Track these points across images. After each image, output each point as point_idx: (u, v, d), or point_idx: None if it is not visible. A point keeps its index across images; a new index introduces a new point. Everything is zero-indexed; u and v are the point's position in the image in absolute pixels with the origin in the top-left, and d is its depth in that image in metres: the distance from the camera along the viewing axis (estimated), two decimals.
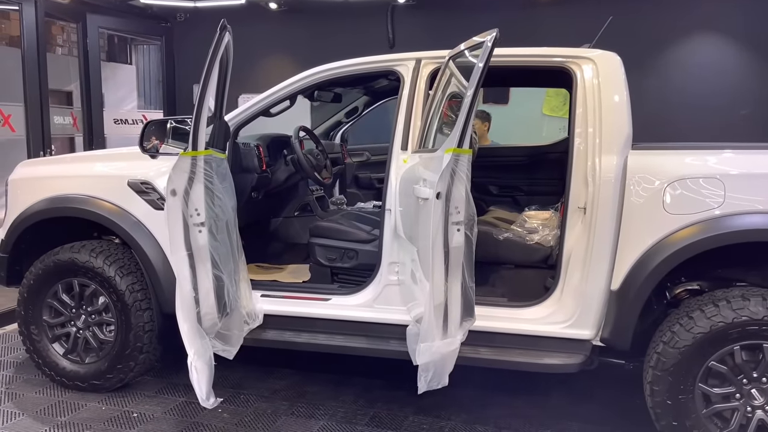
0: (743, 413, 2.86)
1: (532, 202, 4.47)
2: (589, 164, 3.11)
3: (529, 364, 3.18)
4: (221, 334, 3.17)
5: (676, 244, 2.91)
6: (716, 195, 2.89)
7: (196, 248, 2.97)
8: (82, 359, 3.81)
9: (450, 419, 3.53)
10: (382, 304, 3.42)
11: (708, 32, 7.22)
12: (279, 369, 4.18)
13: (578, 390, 3.90)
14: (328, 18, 8.30)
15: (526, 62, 3.59)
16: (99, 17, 8.19)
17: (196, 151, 2.96)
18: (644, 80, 7.00)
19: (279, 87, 3.69)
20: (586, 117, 3.18)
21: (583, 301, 3.12)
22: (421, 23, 7.95)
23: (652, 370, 2.96)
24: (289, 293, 3.64)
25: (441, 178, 2.64)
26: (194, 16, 8.87)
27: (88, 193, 3.76)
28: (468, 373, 3.82)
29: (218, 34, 2.90)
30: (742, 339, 2.81)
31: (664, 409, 2.92)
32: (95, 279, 3.70)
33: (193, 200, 2.95)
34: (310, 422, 3.49)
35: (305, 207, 4.68)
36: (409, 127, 3.40)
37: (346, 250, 3.72)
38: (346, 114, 5.26)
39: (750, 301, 2.82)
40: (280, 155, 4.26)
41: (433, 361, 2.80)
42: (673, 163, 3.01)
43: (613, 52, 3.32)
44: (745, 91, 7.00)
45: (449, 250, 2.71)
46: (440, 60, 3.39)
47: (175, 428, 3.42)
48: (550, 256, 3.47)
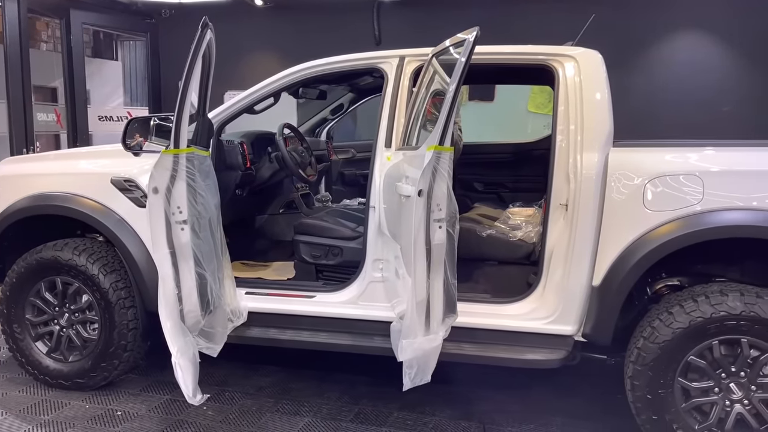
0: (722, 407, 2.90)
1: (517, 198, 4.50)
2: (571, 161, 3.14)
3: (512, 359, 3.21)
4: (205, 331, 3.17)
5: (656, 241, 2.95)
6: (695, 192, 2.92)
7: (178, 246, 2.97)
8: (65, 358, 3.80)
9: (434, 415, 3.55)
10: (366, 301, 3.44)
11: (690, 30, 7.28)
12: (264, 366, 4.19)
13: (561, 385, 3.94)
14: (314, 15, 8.28)
15: (509, 60, 3.61)
16: (83, 13, 8.11)
17: (178, 148, 2.96)
18: (628, 78, 7.05)
19: (263, 84, 3.69)
20: (568, 114, 3.21)
21: (565, 297, 3.15)
22: (407, 20, 7.95)
23: (632, 365, 2.99)
24: (274, 290, 3.65)
25: (422, 176, 2.66)
26: (179, 13, 8.81)
27: (71, 190, 3.74)
28: (452, 369, 3.85)
29: (199, 32, 2.90)
30: (721, 334, 2.85)
31: (645, 403, 2.96)
32: (78, 277, 3.68)
33: (176, 198, 2.95)
34: (294, 419, 3.50)
35: (290, 204, 4.68)
36: (393, 124, 3.41)
37: (330, 247, 3.73)
38: (331, 111, 5.26)
39: (728, 297, 2.85)
40: (265, 152, 4.25)
41: (416, 358, 2.82)
42: (653, 160, 3.04)
43: (595, 50, 3.35)
44: (727, 88, 7.07)
45: (431, 247, 2.73)
46: (424, 57, 3.40)
47: (160, 426, 3.41)
48: (532, 253, 3.49)
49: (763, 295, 2.84)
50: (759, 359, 2.84)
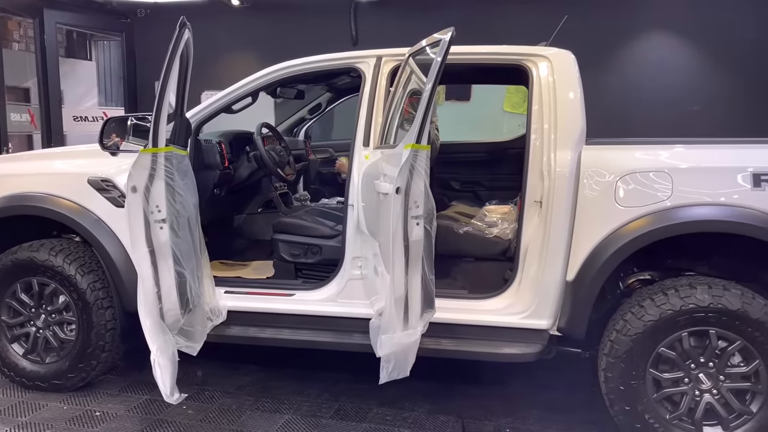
0: (692, 397, 2.99)
1: (493, 197, 4.56)
2: (545, 159, 3.20)
3: (489, 354, 3.28)
4: (184, 330, 3.18)
5: (627, 236, 3.03)
6: (665, 188, 3.01)
7: (157, 245, 2.97)
8: (42, 359, 3.77)
9: (413, 410, 3.59)
10: (345, 298, 3.47)
11: (661, 31, 7.45)
12: (243, 365, 4.20)
13: (538, 379, 4.01)
14: (292, 14, 8.29)
15: (485, 60, 3.67)
16: (57, 12, 8.02)
17: (157, 147, 2.96)
18: (601, 77, 7.18)
19: (240, 84, 3.70)
20: (542, 113, 3.27)
21: (540, 292, 3.21)
22: (384, 21, 8.00)
23: (606, 358, 3.07)
24: (253, 289, 3.66)
25: (400, 174, 2.70)
26: (155, 12, 8.76)
27: (47, 191, 3.72)
28: (431, 365, 3.90)
29: (177, 32, 2.91)
30: (690, 326, 2.94)
31: (618, 394, 3.04)
32: (55, 278, 3.66)
33: (154, 197, 2.95)
34: (275, 416, 3.52)
35: (269, 203, 4.69)
36: (371, 123, 3.45)
37: (309, 245, 3.75)
38: (309, 111, 5.28)
39: (696, 290, 2.94)
40: (243, 152, 4.27)
41: (394, 352, 2.86)
42: (624, 158, 3.12)
43: (568, 51, 3.42)
44: (695, 87, 7.25)
45: (409, 243, 2.78)
46: (400, 57, 3.44)
47: (139, 426, 3.41)
48: (508, 249, 3.56)
49: (729, 287, 2.94)
50: (726, 350, 2.93)
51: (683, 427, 3.00)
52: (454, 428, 3.40)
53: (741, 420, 2.95)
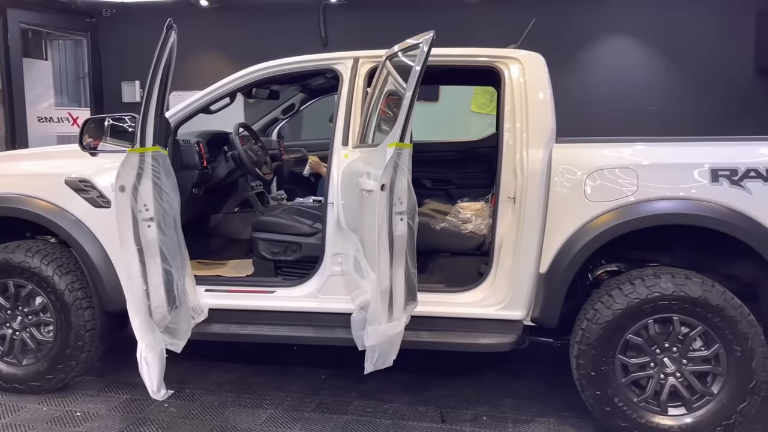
0: (657, 380, 3.17)
1: (464, 194, 4.68)
2: (518, 157, 3.35)
3: (466, 344, 3.40)
4: (169, 327, 3.21)
5: (596, 229, 3.19)
6: (631, 183, 3.18)
7: (145, 243, 3.01)
8: (19, 361, 3.75)
9: (393, 402, 3.70)
10: (326, 294, 3.54)
11: (619, 34, 7.75)
12: (223, 363, 4.24)
13: (513, 369, 4.17)
14: (261, 15, 8.30)
15: (457, 62, 3.80)
16: (20, 12, 7.87)
17: (144, 147, 3.00)
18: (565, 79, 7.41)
19: (219, 84, 3.74)
20: (514, 113, 3.41)
21: (515, 285, 3.35)
22: (354, 22, 8.10)
23: (577, 345, 3.22)
24: (234, 287, 3.71)
25: (385, 171, 2.80)
26: (121, 12, 8.65)
27: (22, 192, 3.70)
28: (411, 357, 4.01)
29: (164, 33, 2.95)
30: (655, 313, 3.11)
31: (589, 380, 3.19)
32: (32, 279, 3.64)
33: (142, 196, 2.99)
34: (257, 412, 3.58)
35: (245, 203, 4.73)
36: (349, 123, 3.54)
37: (289, 243, 3.82)
38: (282, 111, 5.34)
39: (661, 279, 3.12)
40: (220, 152, 4.31)
41: (379, 343, 2.96)
42: (592, 155, 3.28)
43: (538, 53, 3.58)
44: (653, 88, 7.56)
45: (394, 238, 2.88)
46: (377, 59, 3.54)
47: (122, 424, 3.43)
48: (483, 244, 3.69)
49: (691, 276, 3.13)
50: (689, 335, 3.12)
51: (650, 409, 3.18)
52: (433, 417, 3.52)
53: (703, 401, 3.14)
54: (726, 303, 3.06)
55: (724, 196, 3.10)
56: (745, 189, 3.08)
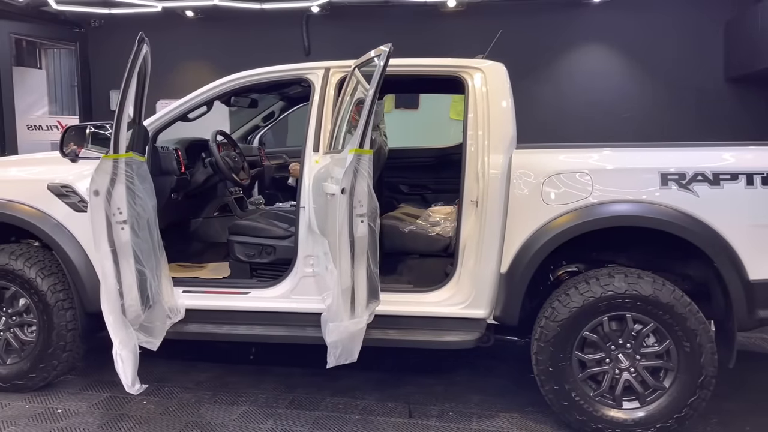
0: (612, 375, 3.31)
1: (439, 199, 4.85)
2: (480, 163, 3.50)
3: (432, 341, 3.53)
4: (145, 326, 3.35)
5: (552, 231, 3.34)
6: (585, 187, 3.34)
7: (119, 244, 3.15)
8: (3, 361, 3.87)
9: (363, 398, 3.83)
10: (298, 294, 3.67)
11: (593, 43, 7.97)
12: (201, 363, 4.36)
13: (481, 368, 4.31)
14: (245, 26, 8.48)
15: (425, 71, 3.97)
16: (9, 23, 8.03)
17: (118, 153, 3.14)
18: (540, 86, 7.62)
19: (196, 93, 3.89)
20: (476, 121, 3.57)
21: (477, 284, 3.49)
22: (336, 32, 8.28)
23: (536, 342, 3.36)
24: (210, 288, 3.84)
25: (345, 175, 2.95)
26: (109, 23, 8.83)
27: (6, 197, 3.84)
28: (381, 356, 4.15)
29: (136, 46, 3.10)
30: (609, 311, 3.26)
31: (547, 375, 3.34)
32: (15, 281, 3.77)
33: (115, 200, 3.13)
34: (232, 408, 3.71)
35: (224, 207, 4.86)
36: (320, 130, 3.68)
37: (264, 246, 3.96)
38: (263, 119, 5.48)
39: (614, 278, 3.27)
40: (199, 158, 4.44)
41: (341, 339, 3.10)
42: (549, 160, 3.43)
43: (501, 63, 3.74)
44: (626, 96, 7.76)
45: (354, 239, 3.02)
46: (347, 69, 3.69)
47: (101, 420, 3.56)
48: (449, 246, 3.83)
49: (643, 276, 3.28)
50: (641, 332, 3.26)
51: (605, 403, 3.32)
52: (401, 413, 3.65)
53: (656, 395, 3.28)
54: (676, 301, 3.21)
55: (672, 199, 3.25)
56: (692, 192, 3.24)
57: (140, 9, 8.21)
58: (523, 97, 3.67)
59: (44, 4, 8.01)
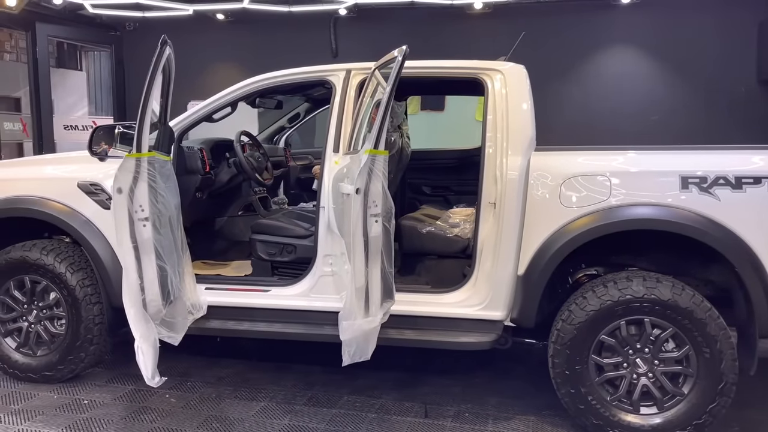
0: (630, 380, 3.28)
1: (461, 200, 4.85)
2: (498, 164, 3.50)
3: (448, 342, 3.55)
4: (166, 321, 3.44)
5: (569, 233, 3.32)
6: (603, 190, 3.31)
7: (140, 241, 3.24)
8: (34, 352, 4.01)
9: (381, 398, 3.86)
10: (317, 293, 3.72)
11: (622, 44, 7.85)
12: (224, 359, 4.45)
13: (500, 370, 4.31)
14: (274, 28, 8.60)
15: (445, 73, 3.99)
16: (48, 26, 8.29)
17: (140, 153, 3.24)
18: (565, 88, 7.53)
19: (220, 95, 3.97)
20: (495, 122, 3.57)
21: (494, 286, 3.49)
22: (362, 34, 8.33)
23: (553, 345, 3.35)
24: (232, 286, 3.91)
25: (359, 176, 2.99)
26: (143, 26, 9.05)
27: (39, 194, 3.97)
28: (400, 356, 4.17)
29: (159, 49, 3.19)
30: (627, 315, 3.23)
31: (563, 378, 3.32)
32: (46, 275, 3.90)
33: (138, 197, 3.23)
34: (251, 404, 3.78)
35: (248, 207, 4.94)
36: (340, 131, 3.73)
37: (285, 245, 4.02)
38: (288, 120, 5.56)
39: (633, 282, 3.24)
40: (224, 158, 4.54)
41: (355, 338, 3.14)
42: (567, 163, 3.42)
43: (521, 65, 3.73)
44: (655, 98, 7.62)
45: (368, 239, 3.06)
46: (368, 71, 3.72)
47: (124, 412, 3.66)
48: (468, 247, 3.84)
49: (662, 280, 3.24)
50: (660, 337, 3.22)
51: (622, 408, 3.29)
52: (417, 413, 3.67)
53: (674, 401, 3.24)
54: (695, 306, 3.16)
55: (693, 202, 3.21)
56: (713, 196, 3.19)
57: (172, 12, 8.40)
58: (551, 99, 3.67)
59: (81, 8, 8.26)
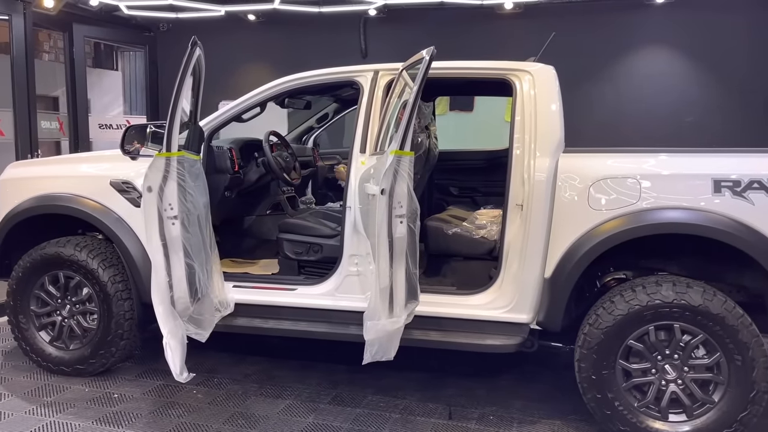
0: (658, 386, 3.22)
1: (489, 202, 4.82)
2: (525, 166, 3.47)
3: (473, 344, 3.53)
4: (194, 318, 3.49)
5: (598, 236, 3.28)
6: (633, 193, 3.26)
7: (169, 239, 3.30)
8: (66, 346, 4.11)
9: (405, 398, 3.86)
10: (342, 292, 3.74)
11: (657, 46, 7.70)
12: (250, 356, 4.50)
13: (526, 372, 4.27)
14: (305, 29, 8.66)
15: (474, 74, 3.96)
16: (85, 27, 8.48)
17: (170, 152, 3.30)
18: (597, 88, 7.43)
19: (250, 95, 4.02)
20: (523, 124, 3.55)
21: (521, 288, 3.46)
22: (392, 34, 8.34)
23: (579, 349, 3.31)
24: (259, 284, 3.95)
25: (384, 176, 3.00)
26: (177, 27, 9.20)
27: (73, 192, 4.08)
28: (425, 357, 4.16)
29: (189, 50, 3.24)
30: (656, 320, 3.17)
31: (590, 383, 3.28)
32: (79, 271, 4.00)
33: (167, 196, 3.29)
34: (277, 401, 3.82)
35: (276, 206, 4.98)
36: (367, 132, 3.74)
37: (311, 244, 4.04)
38: (317, 120, 5.59)
39: (662, 287, 3.18)
40: (252, 158, 4.58)
41: (378, 338, 3.15)
42: (596, 165, 3.37)
43: (550, 66, 3.70)
44: (689, 100, 7.46)
45: (393, 239, 3.06)
46: (395, 71, 3.73)
47: (153, 407, 3.73)
48: (494, 249, 3.82)
49: (693, 285, 3.17)
50: (690, 343, 3.16)
51: (650, 415, 3.23)
52: (441, 414, 3.66)
53: (704, 408, 3.17)
54: (727, 312, 3.09)
55: (726, 207, 3.14)
56: (747, 200, 3.12)
57: (204, 13, 8.52)
58: (581, 100, 3.63)
59: (117, 9, 8.43)
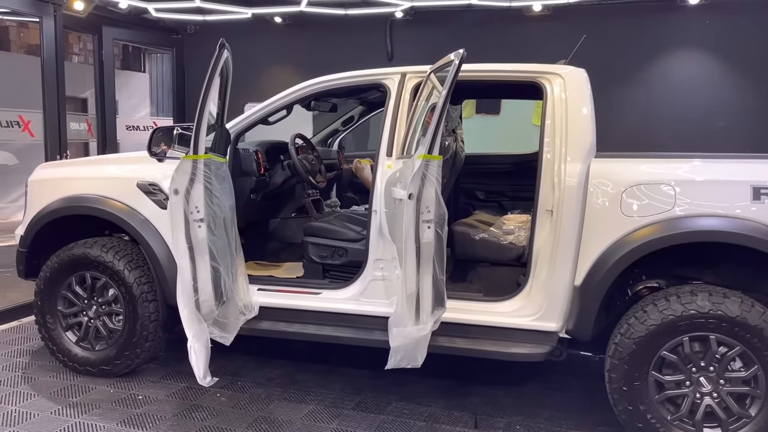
0: (692, 399, 3.12)
1: (516, 206, 4.74)
2: (556, 170, 3.40)
3: (500, 353, 3.46)
4: (219, 321, 3.48)
5: (630, 244, 3.19)
6: (668, 200, 3.17)
7: (195, 241, 3.29)
8: (92, 346, 4.13)
9: (430, 405, 3.80)
10: (367, 297, 3.70)
11: (690, 48, 7.54)
12: (274, 360, 4.47)
13: (553, 381, 4.18)
14: (331, 31, 8.66)
15: (503, 77, 3.88)
16: (114, 29, 8.59)
17: (197, 155, 3.29)
18: (629, 91, 7.29)
19: (276, 98, 4.00)
20: (554, 127, 3.47)
21: (550, 296, 3.39)
22: (419, 37, 8.30)
23: (610, 359, 3.22)
24: (283, 287, 3.93)
25: (412, 181, 2.95)
26: (203, 29, 9.27)
27: (100, 193, 4.09)
28: (450, 364, 4.10)
29: (217, 52, 3.23)
30: (691, 331, 3.08)
31: (621, 395, 3.19)
32: (106, 272, 4.01)
33: (194, 199, 3.28)
34: (300, 406, 3.79)
35: (301, 209, 4.97)
36: (394, 135, 3.70)
37: (336, 248, 4.01)
38: (342, 123, 5.57)
39: (697, 297, 3.08)
40: (278, 160, 4.57)
41: (404, 345, 3.10)
42: (630, 170, 3.29)
43: (582, 69, 3.62)
44: (722, 104, 7.30)
45: (421, 245, 3.01)
46: (423, 74, 3.69)
47: (177, 409, 3.72)
48: (522, 255, 3.74)
49: (729, 295, 3.07)
50: (726, 355, 3.06)
51: (684, 428, 3.13)
52: (467, 423, 3.60)
53: (740, 423, 3.07)
54: (765, 324, 2.99)
55: (765, 214, 3.03)
56: None
57: (231, 16, 8.57)
58: (613, 103, 3.54)
59: (145, 12, 8.51)
